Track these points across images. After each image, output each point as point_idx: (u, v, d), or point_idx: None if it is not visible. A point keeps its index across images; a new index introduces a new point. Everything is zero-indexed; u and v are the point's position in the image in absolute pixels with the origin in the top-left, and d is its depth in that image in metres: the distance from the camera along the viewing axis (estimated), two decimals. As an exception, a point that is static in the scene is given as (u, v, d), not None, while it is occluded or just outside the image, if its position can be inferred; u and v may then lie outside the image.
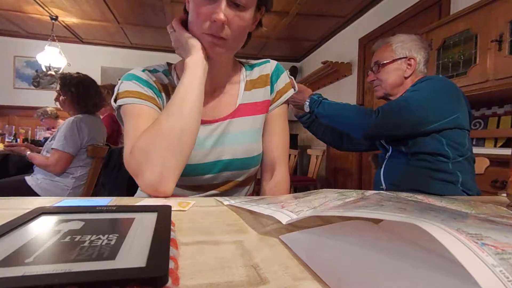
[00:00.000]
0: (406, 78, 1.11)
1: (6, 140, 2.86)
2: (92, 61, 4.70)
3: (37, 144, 2.26)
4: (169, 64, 0.74)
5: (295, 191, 3.54)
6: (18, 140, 2.98)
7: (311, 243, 0.27)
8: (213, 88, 0.71)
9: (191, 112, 0.58)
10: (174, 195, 0.68)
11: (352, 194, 0.33)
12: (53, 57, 4.04)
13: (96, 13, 3.66)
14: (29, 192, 1.63)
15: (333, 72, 3.68)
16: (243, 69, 0.76)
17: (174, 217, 0.35)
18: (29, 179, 1.68)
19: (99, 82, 4.26)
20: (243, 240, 0.31)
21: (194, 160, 0.65)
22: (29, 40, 4.46)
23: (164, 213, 0.32)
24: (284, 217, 0.30)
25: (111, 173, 1.84)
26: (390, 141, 1.10)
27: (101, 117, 2.27)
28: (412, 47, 1.10)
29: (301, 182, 3.35)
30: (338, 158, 3.69)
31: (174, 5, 3.34)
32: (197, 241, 0.30)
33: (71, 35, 4.43)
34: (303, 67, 5.03)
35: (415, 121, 0.96)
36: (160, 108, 0.65)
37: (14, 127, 2.98)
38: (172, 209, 0.35)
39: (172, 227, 0.30)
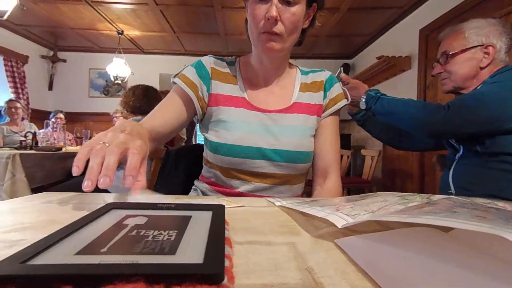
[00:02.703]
0: (482, 68, 0.97)
1: (83, 143, 3.25)
2: (151, 69, 5.11)
3: None
4: (237, 57, 0.82)
5: (348, 194, 3.40)
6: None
7: (370, 249, 0.25)
8: (267, 81, 0.77)
9: None
10: (220, 185, 0.73)
11: (416, 199, 0.30)
12: (119, 67, 4.49)
13: (155, 25, 3.97)
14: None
15: (389, 67, 3.44)
16: (298, 72, 0.81)
17: (227, 216, 0.36)
18: None
19: (158, 88, 4.59)
20: (295, 242, 0.30)
21: (244, 142, 0.69)
22: (100, 54, 5.02)
23: (218, 212, 0.33)
24: (340, 221, 0.28)
25: (168, 173, 1.99)
26: (461, 140, 0.97)
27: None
28: (491, 33, 0.96)
29: (355, 184, 3.20)
30: (396, 159, 3.43)
31: (225, 11, 3.46)
32: (250, 241, 0.30)
33: (134, 47, 4.88)
34: (356, 64, 4.80)
35: (492, 117, 0.84)
36: (197, 96, 0.72)
37: (89, 131, 3.37)
38: (226, 206, 0.36)
39: (226, 226, 0.31)
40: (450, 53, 1.00)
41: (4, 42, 4.08)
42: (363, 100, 1.06)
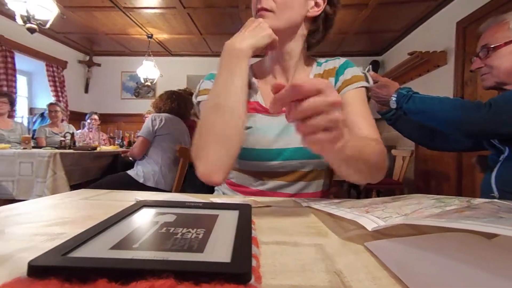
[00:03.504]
0: None
1: (116, 142, 3.41)
2: (179, 71, 5.26)
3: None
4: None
5: (378, 195, 3.28)
6: (125, 142, 3.51)
7: (405, 254, 0.24)
8: (281, 80, 0.74)
9: (234, 109, 0.60)
10: (240, 184, 0.72)
11: (454, 202, 0.28)
12: (149, 70, 4.66)
13: (183, 27, 4.07)
14: (132, 181, 2.03)
15: (422, 63, 3.27)
16: (314, 65, 0.78)
17: (253, 216, 0.36)
18: (130, 172, 2.10)
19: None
20: (323, 244, 0.30)
21: (260, 145, 0.69)
22: (132, 57, 5.24)
23: (245, 212, 0.33)
24: (370, 223, 0.27)
25: (195, 172, 2.05)
26: (505, 141, 0.91)
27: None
28: None
29: (385, 186, 3.07)
30: (430, 159, 3.25)
31: (249, 11, 3.44)
32: (277, 241, 0.30)
33: (162, 50, 5.04)
34: (386, 61, 4.62)
35: None
36: None
37: (121, 131, 3.53)
38: (252, 206, 0.36)
39: (252, 225, 0.31)
40: (492, 46, 0.93)
41: (46, 48, 4.38)
42: (394, 99, 1.02)
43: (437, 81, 3.22)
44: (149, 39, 4.45)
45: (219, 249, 0.23)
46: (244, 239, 0.25)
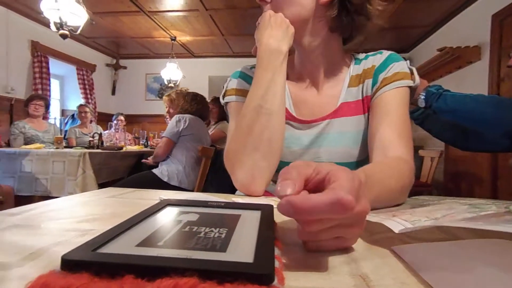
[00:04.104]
0: None
1: (141, 142, 3.53)
2: (201, 72, 5.36)
3: None
4: None
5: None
6: (149, 142, 3.62)
7: (435, 259, 0.23)
8: (314, 82, 0.68)
9: (276, 112, 0.56)
10: (268, 192, 0.70)
11: (491, 208, 0.27)
12: (172, 71, 4.78)
13: (205, 29, 4.14)
14: (156, 179, 2.08)
15: (453, 59, 3.10)
16: (353, 63, 0.69)
17: (275, 216, 0.36)
18: (155, 170, 2.16)
19: (207, 90, 4.80)
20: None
21: (289, 158, 0.65)
22: (156, 60, 5.40)
23: (267, 212, 0.33)
24: (397, 225, 0.26)
25: (217, 172, 2.11)
26: None
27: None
28: None
29: (412, 187, 2.95)
30: (461, 160, 3.08)
31: (271, 11, 3.46)
32: (299, 242, 0.30)
33: (185, 51, 5.15)
34: (413, 58, 4.45)
35: None
36: None
37: (145, 132, 3.65)
38: (274, 207, 0.36)
39: (274, 226, 0.31)
40: None
41: (77, 53, 4.61)
42: (422, 97, 0.98)
43: (470, 78, 3.05)
44: (173, 41, 4.57)
45: (241, 249, 0.23)
46: (266, 239, 0.24)
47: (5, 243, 0.28)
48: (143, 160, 2.45)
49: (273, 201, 0.48)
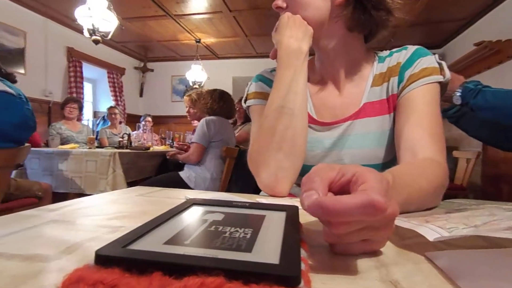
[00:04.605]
0: None
1: (167, 143, 3.63)
2: (225, 73, 5.43)
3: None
4: None
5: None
6: (175, 142, 3.72)
7: (475, 268, 0.21)
8: (335, 82, 0.67)
9: (298, 111, 0.56)
10: (292, 194, 0.69)
11: (537, 212, 0.25)
12: (197, 73, 4.89)
13: (229, 30, 4.19)
14: (182, 183, 2.07)
15: (492, 54, 2.90)
16: (376, 61, 0.66)
17: (300, 218, 0.35)
18: (181, 173, 2.14)
19: (231, 91, 4.84)
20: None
21: (311, 161, 0.64)
22: (181, 62, 5.54)
23: (292, 213, 0.33)
24: (431, 233, 0.25)
25: (241, 172, 2.10)
26: None
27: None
28: None
29: (446, 191, 2.79)
30: (501, 162, 2.86)
31: (295, 10, 3.44)
32: (325, 245, 0.29)
33: (209, 53, 5.24)
34: (447, 54, 4.23)
35: None
36: None
37: (171, 132, 3.76)
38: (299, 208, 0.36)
39: (300, 227, 0.31)
40: None
41: (108, 57, 4.84)
42: (458, 94, 0.92)
43: (511, 74, 2.84)
44: (197, 43, 4.67)
45: (267, 250, 0.22)
46: (292, 241, 0.24)
47: (45, 236, 0.30)
48: (168, 156, 2.37)
49: (297, 202, 0.48)
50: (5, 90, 0.89)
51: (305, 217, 0.38)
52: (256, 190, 0.91)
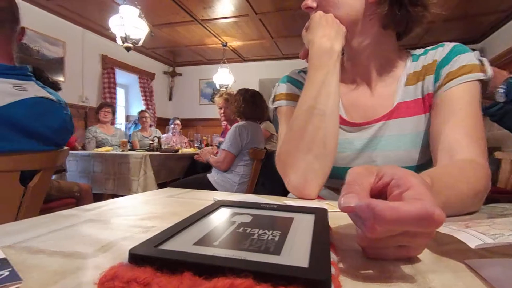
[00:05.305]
0: None
1: (195, 145, 3.72)
2: (252, 76, 5.47)
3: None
4: None
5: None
6: (203, 145, 3.81)
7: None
8: (367, 81, 0.65)
9: (330, 112, 0.54)
10: (321, 197, 0.68)
11: None
12: (224, 76, 4.96)
13: (255, 33, 4.22)
14: (210, 185, 2.09)
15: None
16: (409, 60, 0.64)
17: (330, 221, 0.35)
18: (209, 176, 2.16)
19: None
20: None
21: (340, 163, 0.62)
22: (208, 66, 5.66)
23: (321, 216, 0.32)
24: (472, 239, 0.23)
25: (268, 173, 2.08)
26: None
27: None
28: None
29: (487, 194, 2.60)
30: (549, 163, 2.63)
31: (321, 9, 3.39)
32: (356, 249, 0.28)
33: (236, 56, 5.31)
34: (486, 48, 3.96)
35: None
36: None
37: (199, 135, 3.85)
38: (328, 211, 0.35)
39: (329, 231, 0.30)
40: None
41: (139, 63, 5.07)
42: (501, 90, 0.86)
43: (559, 68, 2.61)
44: (224, 47, 4.75)
45: (296, 252, 0.22)
46: (321, 244, 0.23)
47: (83, 235, 0.32)
48: (196, 157, 2.37)
49: (326, 205, 0.47)
50: (46, 96, 0.96)
51: (334, 221, 0.38)
52: (284, 192, 0.91)
